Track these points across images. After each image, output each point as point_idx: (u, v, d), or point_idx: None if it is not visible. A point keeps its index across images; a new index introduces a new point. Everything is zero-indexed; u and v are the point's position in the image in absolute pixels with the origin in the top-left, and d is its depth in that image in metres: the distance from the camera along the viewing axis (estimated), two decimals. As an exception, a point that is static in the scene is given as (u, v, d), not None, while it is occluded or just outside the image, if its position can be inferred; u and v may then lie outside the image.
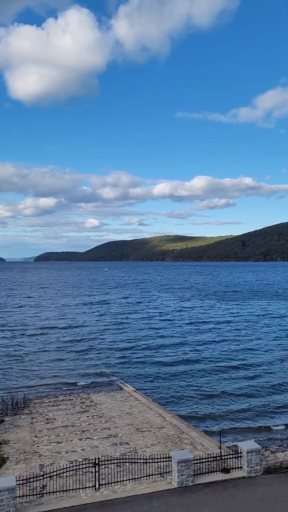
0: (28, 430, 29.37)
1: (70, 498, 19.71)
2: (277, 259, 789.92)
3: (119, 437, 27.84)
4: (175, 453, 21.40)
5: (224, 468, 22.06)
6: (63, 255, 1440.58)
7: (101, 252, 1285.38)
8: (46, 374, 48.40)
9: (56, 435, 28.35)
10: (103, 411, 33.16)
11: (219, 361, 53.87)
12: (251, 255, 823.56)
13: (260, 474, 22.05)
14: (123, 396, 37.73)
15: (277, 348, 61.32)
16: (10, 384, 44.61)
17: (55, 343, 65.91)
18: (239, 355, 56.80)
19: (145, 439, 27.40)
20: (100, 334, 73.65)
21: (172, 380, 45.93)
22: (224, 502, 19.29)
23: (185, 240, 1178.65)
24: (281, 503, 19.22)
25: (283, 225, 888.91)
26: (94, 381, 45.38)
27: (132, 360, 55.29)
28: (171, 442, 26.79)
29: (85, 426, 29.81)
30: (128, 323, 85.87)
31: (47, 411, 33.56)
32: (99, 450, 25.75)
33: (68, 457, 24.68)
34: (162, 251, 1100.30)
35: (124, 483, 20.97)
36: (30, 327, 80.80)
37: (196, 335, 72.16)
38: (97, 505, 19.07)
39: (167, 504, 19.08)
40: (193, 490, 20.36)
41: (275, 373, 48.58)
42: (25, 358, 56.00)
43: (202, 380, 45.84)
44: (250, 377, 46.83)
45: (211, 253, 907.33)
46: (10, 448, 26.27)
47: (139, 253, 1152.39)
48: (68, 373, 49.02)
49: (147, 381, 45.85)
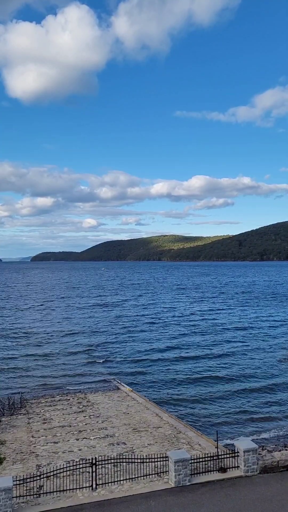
0: (25, 430, 29.32)
1: (67, 498, 19.69)
2: (274, 258, 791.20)
3: (116, 437, 27.83)
4: (172, 453, 21.41)
5: (221, 468, 22.09)
6: (60, 255, 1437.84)
7: (98, 252, 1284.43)
8: (42, 374, 48.31)
9: (53, 435, 28.32)
10: (100, 411, 33.14)
11: (217, 362, 53.92)
12: (248, 255, 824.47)
13: (257, 474, 22.09)
14: (120, 396, 37.72)
15: (276, 347, 61.43)
16: (7, 384, 44.50)
17: (51, 343, 65.80)
18: (238, 356, 56.83)
19: (142, 439, 27.41)
20: (97, 335, 73.59)
21: (169, 380, 45.95)
22: (221, 502, 19.31)
23: (182, 240, 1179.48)
24: (278, 502, 19.27)
25: (280, 224, 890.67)
26: (91, 381, 45.33)
27: (129, 360, 55.27)
28: (168, 441, 26.81)
29: (82, 426, 29.79)
30: (125, 323, 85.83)
31: (44, 411, 33.52)
32: (96, 450, 25.73)
33: (65, 457, 24.66)
34: (159, 251, 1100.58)
35: (121, 483, 20.96)
36: (26, 328, 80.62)
37: (194, 335, 72.16)
38: (94, 505, 19.06)
39: (164, 504, 19.08)
40: (190, 490, 20.38)
41: (272, 372, 48.68)
42: (22, 359, 55.87)
43: (199, 380, 45.88)
44: (247, 377, 46.89)
45: (208, 252, 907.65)
46: (7, 448, 26.23)
47: (136, 253, 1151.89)
48: (65, 373, 48.94)
49: (144, 381, 45.84)
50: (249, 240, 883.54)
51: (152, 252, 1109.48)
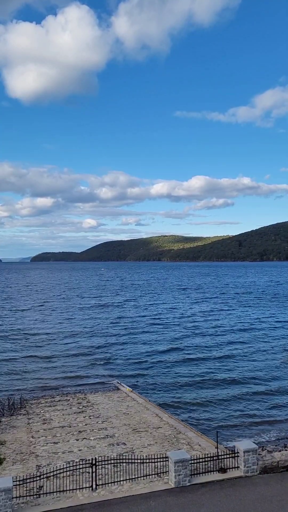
0: (25, 431, 29.31)
1: (67, 499, 19.69)
2: (274, 259, 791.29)
3: (116, 437, 27.82)
4: (172, 453, 21.41)
5: (221, 468, 22.08)
6: (60, 255, 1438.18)
7: (98, 252, 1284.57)
8: (42, 374, 48.28)
9: (53, 435, 28.31)
10: (100, 412, 33.13)
11: (217, 363, 53.90)
12: (248, 255, 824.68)
13: (257, 474, 22.08)
14: (120, 396, 37.71)
15: (276, 349, 61.35)
16: (7, 385, 44.49)
17: (51, 344, 65.78)
18: (238, 357, 56.71)
19: (142, 439, 27.39)
20: (96, 335, 73.56)
21: (168, 381, 45.92)
22: (221, 502, 19.31)
23: (182, 240, 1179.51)
24: (278, 503, 19.26)
25: (280, 225, 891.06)
26: (91, 382, 45.31)
27: (129, 360, 55.25)
28: (168, 442, 26.80)
29: (82, 427, 29.77)
30: (125, 324, 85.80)
31: (44, 412, 33.50)
32: (96, 450, 25.72)
33: (65, 458, 24.65)
34: (159, 251, 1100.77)
35: (121, 483, 20.96)
36: (26, 329, 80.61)
37: (195, 337, 72.10)
38: (94, 506, 19.06)
39: (164, 504, 19.08)
40: (190, 490, 20.38)
41: (272, 373, 48.64)
42: (21, 359, 55.86)
43: (199, 381, 45.84)
44: (247, 378, 46.84)
45: (207, 253, 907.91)
46: (7, 448, 26.22)
47: (136, 253, 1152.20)
48: (65, 373, 48.91)
49: (144, 381, 45.81)
50: (249, 240, 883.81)
51: (152, 252, 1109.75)
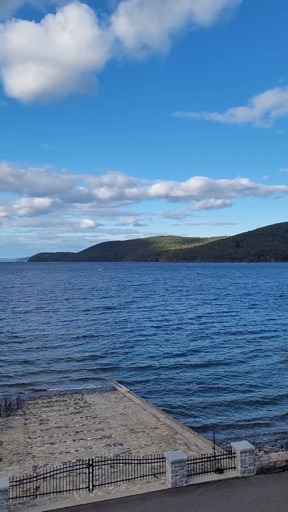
0: (22, 431, 29.25)
1: (63, 499, 19.66)
2: (271, 260, 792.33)
3: (113, 438, 27.80)
4: (169, 454, 21.40)
5: (218, 469, 22.09)
6: (57, 255, 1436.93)
7: (95, 252, 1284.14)
8: (39, 375, 48.20)
9: (50, 436, 28.26)
10: (97, 412, 33.10)
11: (214, 363, 53.91)
12: (245, 256, 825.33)
13: (254, 474, 22.10)
14: (117, 397, 37.68)
15: (277, 351, 61.33)
16: (3, 385, 44.39)
17: (48, 345, 65.66)
18: (238, 359, 56.43)
19: (139, 439, 27.38)
20: (94, 337, 73.46)
21: (166, 381, 45.90)
22: (218, 503, 19.31)
23: (180, 240, 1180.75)
24: (274, 503, 19.28)
25: (277, 225, 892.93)
26: (88, 382, 45.27)
27: (126, 360, 55.21)
28: (165, 442, 26.79)
29: (79, 427, 29.74)
30: (124, 326, 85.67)
31: (41, 412, 33.45)
32: (93, 451, 25.69)
33: (62, 458, 24.61)
34: (157, 251, 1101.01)
35: (118, 484, 20.94)
36: (22, 329, 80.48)
37: (196, 338, 71.99)
38: (90, 506, 19.04)
39: (161, 505, 19.07)
40: (187, 491, 20.38)
41: (270, 374, 48.69)
42: (18, 360, 55.73)
43: (196, 381, 45.84)
44: (245, 379, 46.87)
45: (205, 253, 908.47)
46: (3, 449, 26.16)
47: (133, 253, 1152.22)
48: (62, 374, 48.83)
49: (141, 381, 45.77)
50: (246, 241, 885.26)
51: (150, 253, 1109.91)
